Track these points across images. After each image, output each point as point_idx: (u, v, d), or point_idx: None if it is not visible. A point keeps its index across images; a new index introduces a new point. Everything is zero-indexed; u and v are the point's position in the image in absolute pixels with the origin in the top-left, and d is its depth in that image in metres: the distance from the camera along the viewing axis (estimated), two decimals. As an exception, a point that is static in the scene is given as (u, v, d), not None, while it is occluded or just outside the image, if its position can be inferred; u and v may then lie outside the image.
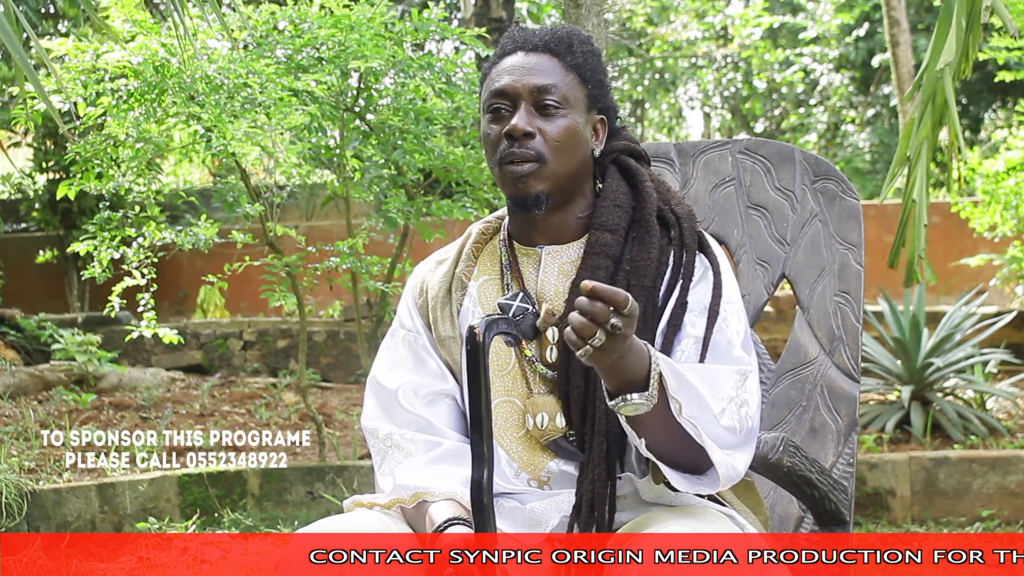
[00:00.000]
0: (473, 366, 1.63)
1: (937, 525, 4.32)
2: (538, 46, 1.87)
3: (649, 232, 1.84)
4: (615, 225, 1.84)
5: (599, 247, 1.83)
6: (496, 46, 1.96)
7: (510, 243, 1.93)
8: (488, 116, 1.87)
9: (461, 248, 1.97)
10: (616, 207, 1.86)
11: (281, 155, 4.37)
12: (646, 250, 1.82)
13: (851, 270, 2.21)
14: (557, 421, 1.82)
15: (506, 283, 1.90)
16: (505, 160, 1.82)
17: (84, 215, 8.69)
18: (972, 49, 2.95)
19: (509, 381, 1.87)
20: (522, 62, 1.86)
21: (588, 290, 1.54)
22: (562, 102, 1.84)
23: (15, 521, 3.92)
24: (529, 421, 1.84)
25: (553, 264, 1.88)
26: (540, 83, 1.83)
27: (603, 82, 1.91)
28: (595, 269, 1.81)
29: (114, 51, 3.97)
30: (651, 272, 1.81)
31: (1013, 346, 5.94)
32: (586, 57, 1.88)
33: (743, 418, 1.72)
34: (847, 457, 2.15)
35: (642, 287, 1.80)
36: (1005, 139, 8.19)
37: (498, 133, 1.84)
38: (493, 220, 2.00)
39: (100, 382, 6.23)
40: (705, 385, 1.68)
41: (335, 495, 4.33)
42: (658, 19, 15.30)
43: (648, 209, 1.86)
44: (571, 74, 1.86)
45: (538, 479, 1.84)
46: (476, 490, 1.61)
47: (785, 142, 2.35)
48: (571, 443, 1.82)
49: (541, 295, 1.87)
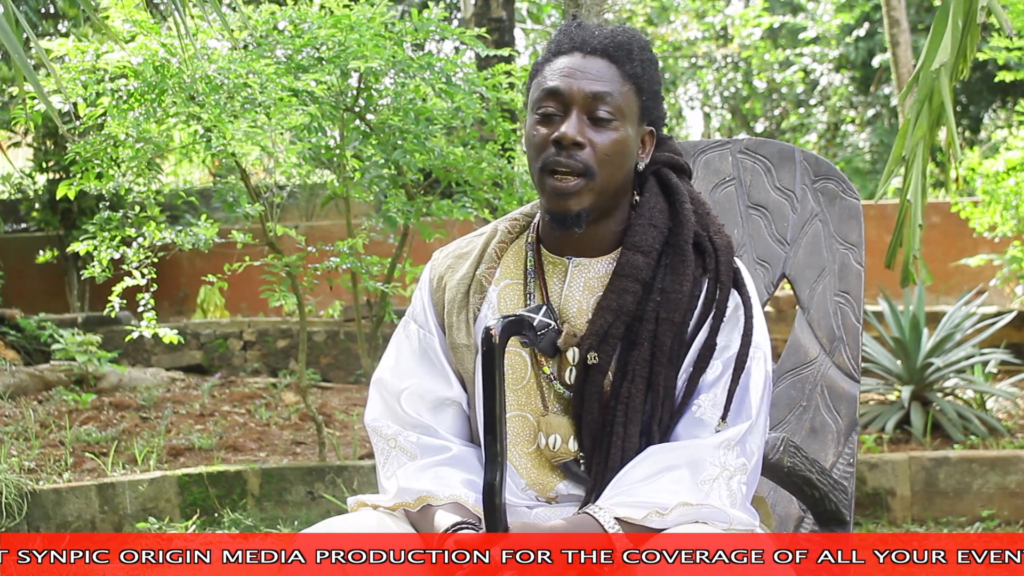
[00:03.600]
0: (488, 368, 1.60)
1: (937, 525, 4.32)
2: (597, 49, 1.77)
3: (683, 261, 1.76)
4: (648, 246, 1.76)
5: (629, 269, 1.75)
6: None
7: (537, 248, 1.85)
8: (536, 117, 1.77)
9: (484, 246, 1.89)
10: (652, 226, 1.78)
11: (281, 155, 4.37)
12: (679, 281, 1.75)
13: (851, 270, 2.21)
14: (570, 444, 1.78)
15: (528, 291, 1.84)
16: (549, 168, 1.74)
17: (84, 215, 8.69)
18: (970, 49, 2.95)
19: (523, 396, 1.82)
20: (579, 64, 1.76)
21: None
22: (615, 113, 1.75)
23: (15, 521, 3.92)
24: (541, 440, 1.79)
25: (580, 278, 1.81)
26: (596, 90, 1.74)
27: (658, 93, 1.82)
28: (623, 293, 1.75)
29: (114, 51, 3.97)
30: (682, 307, 1.74)
31: (1013, 346, 5.94)
32: (645, 66, 1.79)
33: (734, 490, 1.69)
34: (847, 457, 2.15)
35: (671, 322, 1.74)
36: (1005, 139, 8.19)
37: (545, 137, 1.75)
38: (520, 218, 1.92)
39: (100, 382, 6.23)
40: (677, 481, 1.67)
41: (335, 495, 4.33)
42: (658, 19, 15.31)
43: (684, 235, 1.78)
44: (628, 84, 1.77)
45: (546, 496, 1.82)
46: (488, 492, 1.60)
47: (785, 142, 2.35)
48: (581, 468, 1.79)
49: (564, 309, 1.81)
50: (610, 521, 1.65)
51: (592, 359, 1.76)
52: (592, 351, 1.75)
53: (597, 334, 1.75)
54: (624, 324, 1.76)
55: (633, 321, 1.76)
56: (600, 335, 1.75)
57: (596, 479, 1.76)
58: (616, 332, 1.75)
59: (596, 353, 1.75)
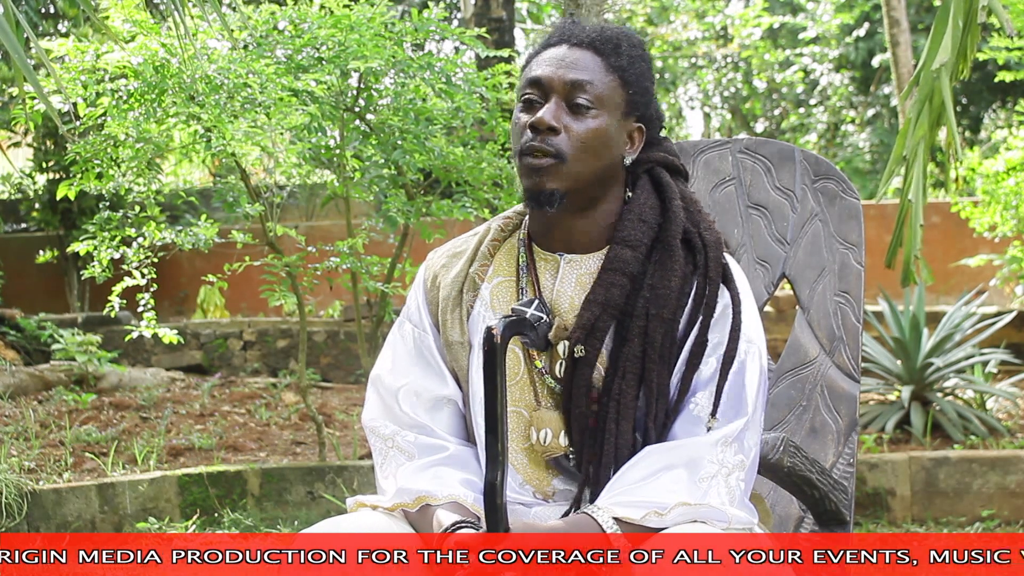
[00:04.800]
0: (489, 368, 1.60)
1: (937, 525, 4.32)
2: (583, 42, 1.80)
3: (672, 256, 1.77)
4: (637, 241, 1.78)
5: (617, 263, 1.77)
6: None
7: (529, 245, 1.87)
8: (519, 105, 1.81)
9: (478, 245, 1.91)
10: (641, 222, 1.79)
11: (281, 155, 4.37)
12: (667, 277, 1.76)
13: (851, 270, 2.21)
14: (560, 439, 1.78)
15: (521, 287, 1.85)
16: (525, 151, 1.77)
17: (84, 215, 8.68)
18: (970, 49, 2.95)
19: (517, 391, 1.83)
20: (563, 55, 1.80)
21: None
22: (595, 102, 1.77)
23: (15, 521, 3.92)
24: (533, 435, 1.80)
25: (571, 274, 1.82)
26: (576, 78, 1.77)
27: (647, 89, 1.83)
28: (610, 286, 1.76)
29: (114, 51, 3.97)
30: (672, 303, 1.75)
31: (1013, 346, 5.94)
32: (632, 61, 1.81)
33: (733, 487, 1.70)
34: (847, 457, 2.15)
35: (661, 319, 1.74)
36: (1005, 139, 8.19)
37: (524, 123, 1.78)
38: (513, 216, 1.93)
39: (100, 382, 6.23)
40: (675, 481, 1.68)
41: (335, 495, 4.33)
42: (658, 19, 15.31)
43: (673, 230, 1.79)
44: (612, 75, 1.79)
45: (543, 493, 1.82)
46: (489, 491, 1.60)
47: (785, 142, 2.35)
48: (571, 463, 1.79)
49: (556, 304, 1.81)
50: (608, 521, 1.65)
51: (579, 352, 1.76)
52: (579, 344, 1.76)
53: (584, 327, 1.76)
54: (612, 318, 1.76)
55: (624, 317, 1.77)
56: (587, 328, 1.76)
57: (589, 475, 1.76)
58: (603, 325, 1.76)
59: (583, 346, 1.76)
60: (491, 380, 1.60)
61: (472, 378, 1.84)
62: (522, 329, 1.71)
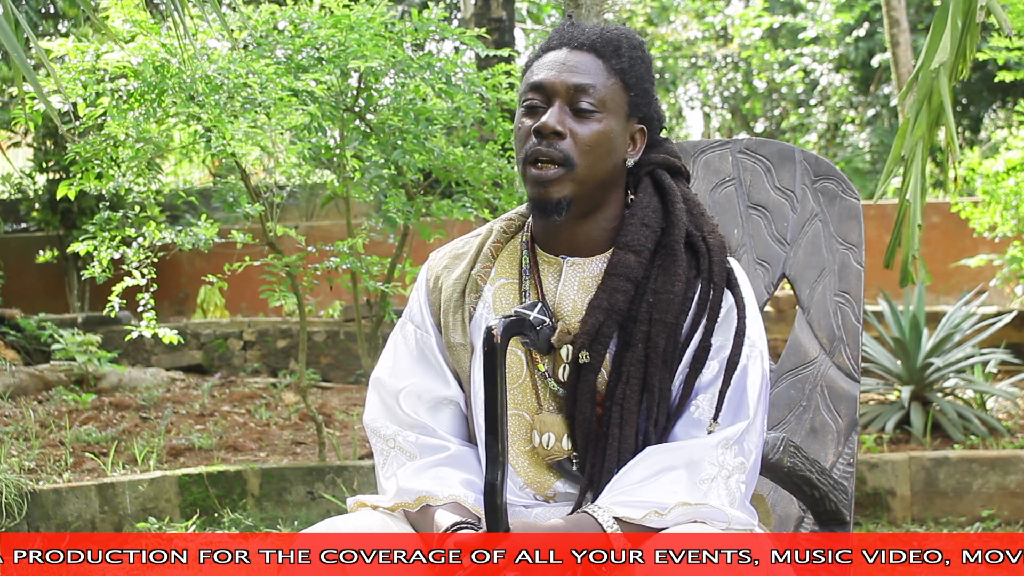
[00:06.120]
0: (490, 368, 1.60)
1: (937, 525, 4.32)
2: (584, 44, 1.79)
3: (675, 261, 1.76)
4: (640, 245, 1.77)
5: (621, 268, 1.76)
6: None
7: (532, 247, 1.86)
8: (521, 110, 1.80)
9: (480, 246, 1.90)
10: (644, 226, 1.78)
11: (281, 155, 4.37)
12: (671, 282, 1.75)
13: (851, 270, 2.21)
14: (563, 443, 1.78)
15: (524, 290, 1.84)
16: (530, 159, 1.76)
17: (84, 215, 8.69)
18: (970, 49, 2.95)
19: (519, 394, 1.83)
20: (564, 59, 1.79)
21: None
22: (599, 105, 1.76)
23: (15, 521, 3.92)
24: (535, 438, 1.80)
25: (574, 277, 1.82)
26: (578, 82, 1.76)
27: (648, 91, 1.83)
28: (614, 292, 1.75)
29: (114, 51, 3.97)
30: (675, 308, 1.74)
31: (1013, 346, 5.94)
32: (633, 63, 1.80)
33: (733, 489, 1.70)
34: (847, 457, 2.15)
35: (664, 323, 1.74)
36: (1005, 139, 8.19)
37: (528, 129, 1.77)
38: (516, 218, 1.93)
39: (100, 382, 6.23)
40: (675, 482, 1.68)
41: (335, 495, 4.33)
42: (658, 19, 15.32)
43: (676, 234, 1.78)
44: (614, 78, 1.78)
45: (544, 495, 1.82)
46: (489, 492, 1.60)
47: (785, 142, 2.35)
48: (574, 467, 1.79)
49: (559, 308, 1.81)
50: (609, 521, 1.65)
51: (584, 358, 1.76)
52: (584, 350, 1.76)
53: (589, 333, 1.76)
54: (616, 323, 1.76)
55: (627, 322, 1.76)
56: (591, 334, 1.76)
57: (591, 479, 1.76)
58: (608, 331, 1.76)
59: (588, 352, 1.76)
60: (491, 380, 1.60)
61: (474, 380, 1.84)
62: (522, 330, 1.71)
